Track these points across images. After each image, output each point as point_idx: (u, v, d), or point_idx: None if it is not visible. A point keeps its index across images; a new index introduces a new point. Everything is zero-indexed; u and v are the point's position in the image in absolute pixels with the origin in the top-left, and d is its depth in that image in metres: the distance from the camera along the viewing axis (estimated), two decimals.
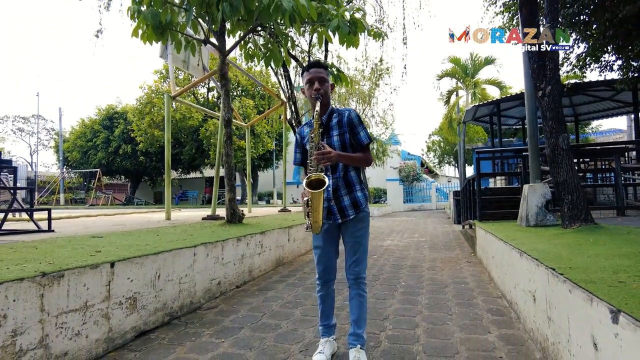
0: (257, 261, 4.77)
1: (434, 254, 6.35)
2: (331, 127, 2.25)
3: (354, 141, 2.26)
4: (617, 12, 5.33)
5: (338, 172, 2.25)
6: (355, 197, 2.27)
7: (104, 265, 2.60)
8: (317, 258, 2.33)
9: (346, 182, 2.26)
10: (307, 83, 2.22)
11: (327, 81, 2.24)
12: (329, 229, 2.30)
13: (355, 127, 2.25)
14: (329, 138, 2.24)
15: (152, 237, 4.09)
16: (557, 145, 4.08)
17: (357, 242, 2.27)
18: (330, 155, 2.04)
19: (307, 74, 2.23)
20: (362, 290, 2.30)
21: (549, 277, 2.15)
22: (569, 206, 3.97)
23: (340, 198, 2.24)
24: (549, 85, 4.17)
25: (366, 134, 2.27)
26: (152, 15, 4.37)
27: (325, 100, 2.21)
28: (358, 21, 4.48)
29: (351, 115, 2.26)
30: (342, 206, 2.25)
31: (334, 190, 2.24)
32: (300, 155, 2.40)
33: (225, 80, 5.65)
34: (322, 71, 2.23)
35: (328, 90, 2.25)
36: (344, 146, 2.22)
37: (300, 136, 2.39)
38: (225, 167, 5.60)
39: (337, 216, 2.26)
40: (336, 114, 2.28)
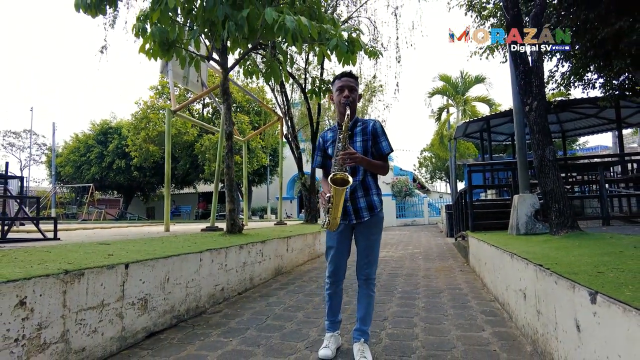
0: (257, 269, 4.90)
1: (428, 263, 6.52)
2: (355, 134, 2.38)
3: (375, 149, 2.40)
4: (596, 34, 5.68)
5: (358, 175, 2.36)
6: (372, 200, 2.39)
7: (119, 266, 2.73)
8: (330, 257, 2.45)
9: (364, 185, 2.39)
10: (338, 90, 2.35)
11: (356, 91, 2.40)
12: (344, 230, 2.41)
13: (378, 136, 2.40)
14: (352, 144, 2.36)
15: (158, 244, 4.22)
16: (544, 157, 4.32)
17: (371, 245, 2.40)
18: (356, 156, 2.18)
19: (338, 82, 2.37)
20: (371, 290, 2.44)
21: (537, 273, 2.34)
22: (556, 214, 4.19)
23: (356, 200, 2.36)
24: (535, 101, 4.44)
25: (388, 144, 2.41)
26: (159, 33, 4.58)
27: (352, 109, 2.33)
28: (356, 40, 4.75)
29: (376, 125, 2.42)
30: (358, 207, 2.36)
31: (352, 192, 2.36)
32: (320, 159, 2.53)
33: (227, 96, 5.87)
34: (353, 81, 2.38)
35: (356, 99, 2.39)
36: (365, 152, 2.35)
37: (322, 140, 2.53)
38: (227, 179, 5.76)
39: (352, 217, 2.38)
40: (361, 122, 2.43)
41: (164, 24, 4.48)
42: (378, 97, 16.93)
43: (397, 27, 9.23)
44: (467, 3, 7.81)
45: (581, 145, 27.50)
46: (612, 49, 6.07)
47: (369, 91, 15.54)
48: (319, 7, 5.60)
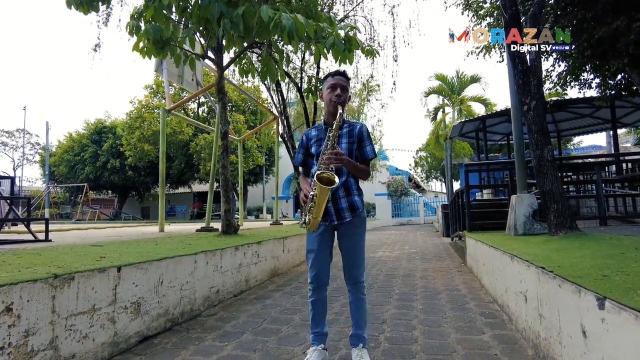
0: (253, 271, 4.84)
1: (425, 264, 6.48)
2: (342, 135, 2.32)
3: (359, 153, 2.35)
4: (593, 34, 5.66)
5: (341, 176, 2.31)
6: (353, 201, 2.33)
7: (111, 270, 2.66)
8: (311, 262, 2.35)
9: (346, 187, 2.33)
10: (330, 88, 2.29)
11: (348, 91, 2.34)
12: (324, 232, 2.33)
13: (364, 140, 2.34)
14: (338, 145, 2.31)
15: (151, 246, 4.14)
16: (543, 157, 4.29)
17: (354, 246, 2.32)
18: (343, 157, 2.13)
19: (331, 79, 2.31)
20: (361, 294, 2.36)
21: (540, 276, 2.30)
22: (555, 214, 4.16)
23: (338, 200, 2.30)
24: (534, 100, 4.40)
25: (372, 150, 2.37)
26: (154, 31, 4.50)
27: (343, 108, 2.29)
28: (353, 39, 4.68)
29: (362, 129, 2.36)
30: (339, 208, 2.30)
31: (333, 192, 2.29)
32: (302, 156, 2.45)
33: (223, 95, 5.79)
34: (345, 80, 2.32)
35: (347, 99, 2.33)
36: (349, 155, 2.29)
37: (306, 137, 2.44)
38: (222, 179, 5.69)
39: (333, 217, 2.30)
40: (347, 124, 2.37)
41: (158, 22, 4.40)
42: (375, 96, 16.91)
43: (393, 26, 9.18)
44: (464, 2, 7.77)
45: (575, 145, 27.64)
46: (609, 49, 6.06)
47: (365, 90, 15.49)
48: (315, 5, 5.53)
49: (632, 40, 5.14)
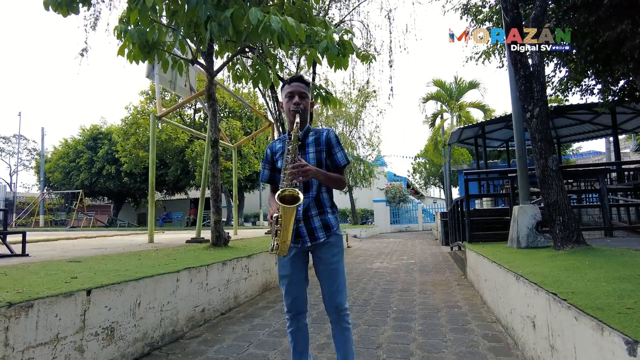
0: (243, 286, 4.59)
1: (424, 276, 6.24)
2: (307, 144, 2.12)
3: (330, 162, 2.13)
4: (597, 38, 5.48)
5: (311, 191, 2.08)
6: (327, 219, 2.10)
7: (79, 293, 2.42)
8: (285, 288, 2.11)
9: (318, 202, 2.10)
10: (287, 96, 2.09)
11: (307, 97, 2.12)
12: (297, 255, 2.10)
13: (332, 147, 2.12)
14: (304, 155, 2.09)
15: (133, 261, 3.90)
16: (547, 167, 4.08)
17: (333, 269, 2.08)
18: (308, 169, 1.89)
19: (287, 87, 2.11)
20: (346, 323, 2.11)
21: (551, 303, 2.07)
22: (561, 227, 3.94)
23: (310, 219, 2.07)
24: (537, 107, 4.20)
25: (344, 155, 2.14)
26: (138, 34, 4.29)
27: (303, 117, 2.07)
28: (347, 43, 4.49)
29: (330, 135, 2.15)
30: (312, 227, 2.07)
31: (304, 211, 2.06)
32: (268, 172, 2.21)
33: (213, 101, 5.58)
34: (303, 86, 2.10)
35: (307, 107, 2.12)
36: (319, 165, 2.08)
37: (270, 151, 2.21)
38: (212, 189, 5.46)
39: (306, 239, 2.07)
40: (313, 132, 2.16)
41: (143, 25, 4.19)
42: (372, 103, 16.77)
43: (390, 30, 8.97)
44: (462, 7, 7.61)
45: (574, 151, 27.52)
46: (612, 53, 5.88)
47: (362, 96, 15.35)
48: (310, 9, 5.35)
49: (637, 44, 4.95)
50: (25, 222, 28.42)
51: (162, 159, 22.67)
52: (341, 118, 17.58)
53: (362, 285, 5.54)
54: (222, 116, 22.12)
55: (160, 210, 29.67)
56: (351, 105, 17.35)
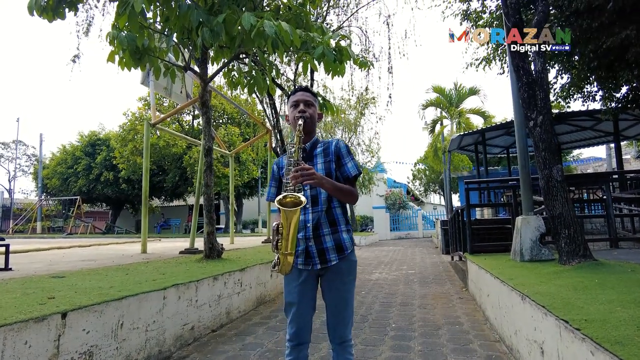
0: (235, 301, 4.41)
1: (424, 288, 6.06)
2: (315, 155, 1.96)
3: (340, 173, 1.95)
4: (600, 44, 5.35)
5: (320, 205, 1.88)
6: (340, 239, 1.90)
7: (52, 317, 2.25)
8: (290, 317, 1.91)
9: (330, 218, 1.90)
10: (292, 106, 1.96)
11: (314, 106, 1.99)
12: (307, 280, 1.91)
13: (342, 157, 1.96)
14: (313, 166, 1.86)
15: (120, 276, 3.73)
16: (552, 177, 3.92)
17: (342, 298, 1.89)
18: (312, 172, 1.69)
19: (293, 97, 1.99)
20: (349, 354, 1.93)
21: (562, 331, 1.90)
22: (566, 241, 3.77)
23: (321, 238, 1.88)
24: (541, 115, 4.05)
25: (355, 165, 1.95)
26: (128, 40, 4.15)
27: (310, 127, 1.93)
28: (344, 49, 4.35)
29: (339, 144, 1.99)
30: (323, 248, 1.87)
31: (315, 228, 1.87)
32: (275, 189, 2.03)
33: (206, 108, 5.43)
34: (309, 95, 1.98)
35: (314, 116, 1.98)
36: (328, 176, 1.89)
37: (277, 167, 2.04)
38: (205, 198, 5.30)
39: (315, 260, 1.87)
40: (321, 143, 2.01)
41: (133, 30, 4.05)
42: (370, 110, 16.66)
43: (389, 36, 8.87)
44: (462, 12, 7.50)
45: (575, 157, 27.38)
46: (616, 60, 5.75)
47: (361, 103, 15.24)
48: (307, 15, 5.22)
49: None
50: (22, 229, 28.21)
51: (160, 165, 22.52)
52: (340, 125, 17.47)
53: (361, 298, 5.36)
54: (221, 122, 22.01)
55: (158, 217, 29.48)
56: (350, 111, 17.25)
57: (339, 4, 8.71)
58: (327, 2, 8.59)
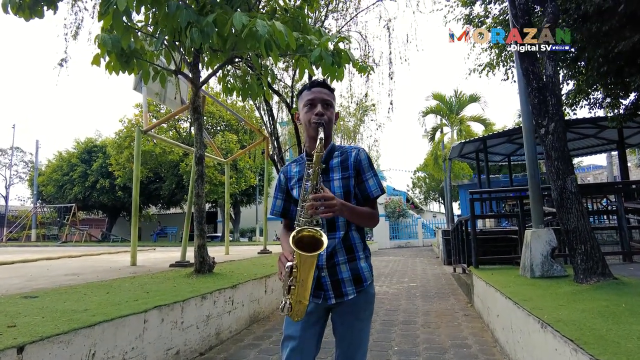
0: (226, 321, 4.11)
1: (427, 304, 5.76)
2: (331, 168, 1.65)
3: (359, 190, 1.64)
4: (612, 48, 5.12)
5: (338, 231, 1.61)
6: (358, 268, 1.62)
7: (6, 352, 1.95)
8: (287, 353, 1.59)
9: (347, 245, 1.62)
10: (307, 105, 1.62)
11: (332, 106, 1.65)
12: (314, 313, 1.61)
13: (363, 172, 1.65)
14: (328, 182, 1.62)
15: (99, 296, 3.43)
16: (565, 188, 3.65)
17: (357, 337, 1.61)
18: (334, 203, 1.41)
19: (307, 93, 1.64)
20: None
21: None
22: (583, 257, 3.49)
23: (336, 267, 1.60)
24: (552, 122, 3.79)
25: (377, 183, 1.65)
26: (113, 41, 3.90)
27: (328, 132, 1.59)
28: (343, 51, 4.11)
29: (360, 156, 1.66)
30: (338, 279, 1.59)
31: (330, 256, 1.59)
32: (281, 202, 1.73)
33: (198, 115, 5.17)
34: (327, 92, 1.64)
35: (333, 117, 1.65)
36: (347, 195, 1.61)
37: (284, 176, 1.74)
38: (196, 209, 5.02)
39: (329, 293, 1.59)
40: (339, 151, 1.69)
41: (117, 31, 3.80)
42: (370, 117, 16.45)
43: (389, 41, 8.64)
44: (465, 17, 7.30)
45: (576, 166, 27.20)
46: (626, 65, 5.52)
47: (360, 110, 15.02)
48: (304, 18, 4.98)
49: None
50: (17, 237, 27.82)
51: (157, 172, 22.26)
52: (339, 132, 17.25)
53: None
54: (218, 129, 21.78)
55: (155, 225, 29.12)
56: (349, 118, 17.03)
57: (338, 8, 8.51)
58: (326, 6, 8.40)
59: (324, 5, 8.29)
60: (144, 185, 23.34)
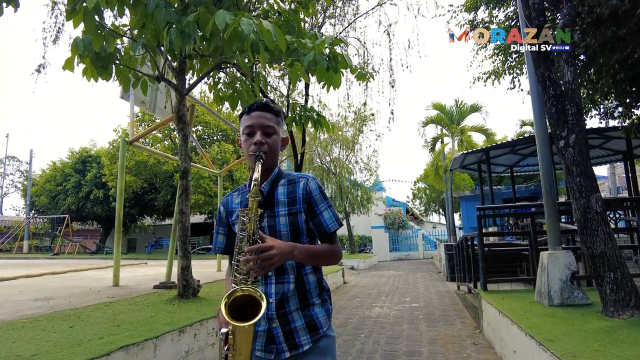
0: (209, 355, 3.65)
1: (432, 329, 5.31)
2: (277, 201, 1.41)
3: (313, 225, 1.42)
4: (628, 53, 4.77)
5: (287, 274, 1.38)
6: (313, 315, 1.39)
7: None
8: None
9: (300, 290, 1.39)
10: (245, 133, 1.41)
11: (275, 133, 1.42)
12: None
13: (315, 204, 1.42)
14: (273, 218, 1.39)
15: (60, 332, 2.99)
16: (589, 207, 3.25)
17: None
18: (273, 254, 1.18)
19: (246, 119, 1.42)
20: None
21: None
22: (612, 287, 3.08)
23: (288, 316, 1.36)
24: (573, 134, 3.41)
25: (332, 216, 1.43)
26: (84, 44, 3.52)
27: (270, 161, 1.40)
28: (339, 55, 3.73)
29: (309, 186, 1.43)
30: (291, 329, 1.36)
31: (279, 304, 1.36)
32: (224, 238, 1.50)
33: (183, 124, 4.78)
34: (268, 117, 1.41)
35: (276, 146, 1.43)
36: (295, 233, 1.39)
37: (225, 209, 1.51)
38: (180, 227, 4.59)
39: (282, 346, 1.35)
40: (285, 180, 1.45)
41: (88, 32, 3.42)
42: (369, 127, 16.13)
43: (390, 47, 8.31)
44: (468, 22, 6.97)
45: None
46: None
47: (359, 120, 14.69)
48: (299, 22, 4.62)
49: None
50: (8, 247, 27.27)
51: (151, 183, 21.85)
52: (337, 142, 16.90)
53: (360, 345, 4.61)
54: (215, 139, 21.42)
55: (149, 237, 28.61)
56: (347, 128, 16.71)
57: (335, 13, 8.19)
58: (323, 11, 8.08)
59: (321, 10, 7.97)
60: (139, 196, 22.91)
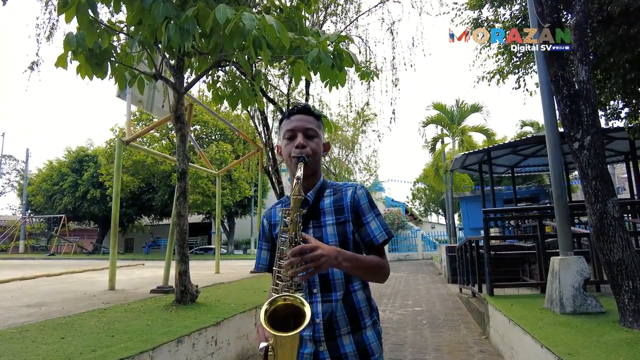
0: None
1: (437, 335, 5.17)
2: (323, 211, 1.29)
3: (360, 236, 1.29)
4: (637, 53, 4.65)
5: (334, 291, 1.24)
6: (365, 340, 1.24)
7: None
8: None
9: (350, 309, 1.25)
10: (286, 137, 1.31)
11: (317, 136, 1.32)
12: None
13: (363, 214, 1.29)
14: (320, 228, 1.27)
15: (50, 343, 2.84)
16: (606, 213, 3.11)
17: None
18: (318, 255, 1.03)
19: (287, 123, 1.33)
20: None
21: None
22: (631, 296, 2.94)
23: (337, 339, 1.22)
24: (588, 135, 3.27)
25: (381, 225, 1.29)
26: (77, 40, 3.36)
27: (314, 167, 1.30)
28: (344, 52, 3.59)
29: (357, 194, 1.31)
30: (340, 355, 1.21)
31: (327, 325, 1.21)
32: (267, 254, 1.38)
33: (181, 124, 4.62)
34: (310, 120, 1.32)
35: (319, 150, 1.31)
36: (344, 244, 1.25)
37: (268, 222, 1.38)
38: (177, 232, 4.44)
39: None
40: (330, 189, 1.34)
41: (81, 26, 3.27)
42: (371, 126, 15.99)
43: (393, 45, 8.15)
44: (473, 21, 6.83)
45: (576, 177, 26.80)
46: None
47: (360, 120, 14.55)
48: (301, 18, 4.47)
49: None
50: (5, 247, 27.03)
51: (149, 183, 21.67)
52: (337, 142, 16.75)
53: None
54: (213, 139, 21.25)
55: (147, 237, 28.42)
56: (348, 128, 16.55)
57: (337, 11, 8.03)
58: (325, 9, 7.92)
59: (322, 8, 7.81)
60: (136, 196, 22.73)
